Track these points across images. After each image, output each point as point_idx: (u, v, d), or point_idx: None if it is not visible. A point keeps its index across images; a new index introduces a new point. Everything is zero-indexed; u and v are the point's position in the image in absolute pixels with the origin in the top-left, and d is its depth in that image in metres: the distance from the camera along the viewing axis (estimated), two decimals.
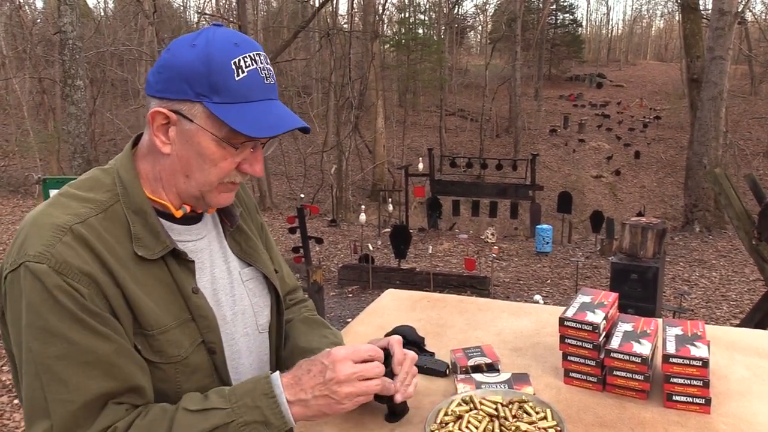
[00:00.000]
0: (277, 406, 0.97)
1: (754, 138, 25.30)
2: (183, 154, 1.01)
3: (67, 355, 0.91)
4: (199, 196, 1.05)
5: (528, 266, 9.67)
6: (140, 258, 1.00)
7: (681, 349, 1.26)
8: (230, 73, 0.97)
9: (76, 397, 0.91)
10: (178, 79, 0.97)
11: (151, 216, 1.03)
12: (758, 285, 7.79)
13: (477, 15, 46.39)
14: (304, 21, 15.54)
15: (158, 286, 1.01)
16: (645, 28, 62.46)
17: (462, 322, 1.75)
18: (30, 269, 0.91)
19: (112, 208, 1.01)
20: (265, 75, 1.01)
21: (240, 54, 0.98)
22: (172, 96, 0.99)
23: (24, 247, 0.93)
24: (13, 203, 13.55)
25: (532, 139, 27.79)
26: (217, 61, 0.96)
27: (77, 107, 8.34)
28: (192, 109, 0.98)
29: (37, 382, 0.91)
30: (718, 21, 12.10)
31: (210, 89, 0.96)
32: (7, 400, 4.21)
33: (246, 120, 0.97)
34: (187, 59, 0.97)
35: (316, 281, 6.37)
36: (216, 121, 0.98)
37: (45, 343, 0.91)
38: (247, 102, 0.98)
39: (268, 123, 0.99)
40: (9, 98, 19.77)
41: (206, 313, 1.06)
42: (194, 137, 1.00)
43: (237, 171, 1.04)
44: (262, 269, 1.22)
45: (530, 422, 1.10)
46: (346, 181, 19.02)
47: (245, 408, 0.96)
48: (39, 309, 0.91)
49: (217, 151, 1.00)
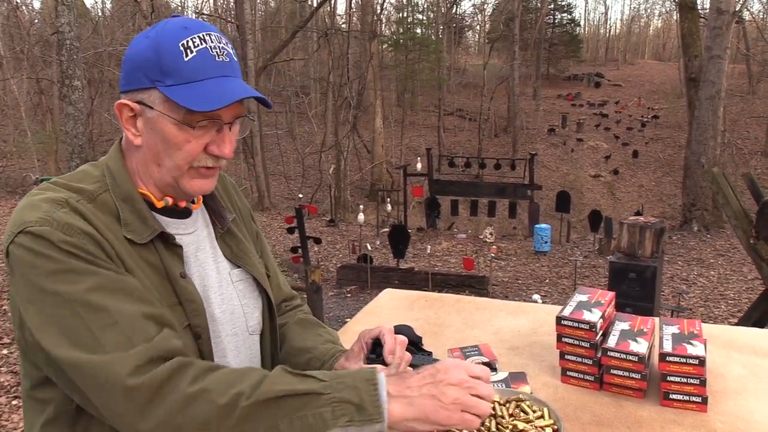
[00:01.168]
0: (375, 393, 0.91)
1: (752, 137, 25.34)
2: (151, 142, 1.03)
3: (98, 286, 0.91)
4: (173, 183, 1.06)
5: (526, 266, 9.68)
6: (129, 242, 1.01)
7: (678, 347, 1.27)
8: (179, 54, 0.98)
9: (120, 319, 0.90)
10: (136, 70, 1.00)
11: (139, 202, 1.05)
12: (756, 284, 7.80)
13: (475, 15, 46.41)
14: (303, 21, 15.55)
15: (147, 269, 1.02)
16: (643, 27, 62.54)
17: (459, 322, 1.75)
18: (33, 232, 0.91)
19: (100, 196, 1.02)
20: (216, 53, 1.02)
21: (188, 35, 1.00)
22: (133, 87, 1.02)
23: (21, 219, 0.94)
24: (11, 204, 13.53)
25: (530, 138, 27.80)
26: (165, 45, 0.99)
27: (75, 108, 8.32)
28: (150, 96, 1.00)
29: (79, 320, 0.89)
30: (716, 20, 12.11)
31: (162, 73, 0.98)
32: (5, 401, 4.21)
33: (196, 97, 0.97)
34: (140, 49, 1.00)
35: (315, 281, 6.37)
36: (172, 104, 0.99)
37: (73, 283, 0.90)
38: (198, 81, 0.99)
39: (217, 96, 0.99)
40: (6, 99, 19.73)
41: (193, 297, 1.06)
42: (157, 124, 1.01)
43: (206, 154, 1.04)
44: (252, 271, 1.22)
45: (527, 421, 1.10)
46: (344, 181, 19.01)
47: (343, 386, 0.91)
48: (55, 257, 0.91)
49: (179, 134, 1.01)
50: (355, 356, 1.16)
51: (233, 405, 0.87)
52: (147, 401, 0.86)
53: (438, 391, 0.92)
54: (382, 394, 0.91)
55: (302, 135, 25.39)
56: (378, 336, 1.15)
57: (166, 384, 0.87)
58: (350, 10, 24.19)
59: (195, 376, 0.89)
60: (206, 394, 0.87)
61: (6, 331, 5.56)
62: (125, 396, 0.86)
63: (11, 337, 5.41)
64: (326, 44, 18.54)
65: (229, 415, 0.86)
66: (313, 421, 0.88)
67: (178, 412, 0.86)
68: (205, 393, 0.87)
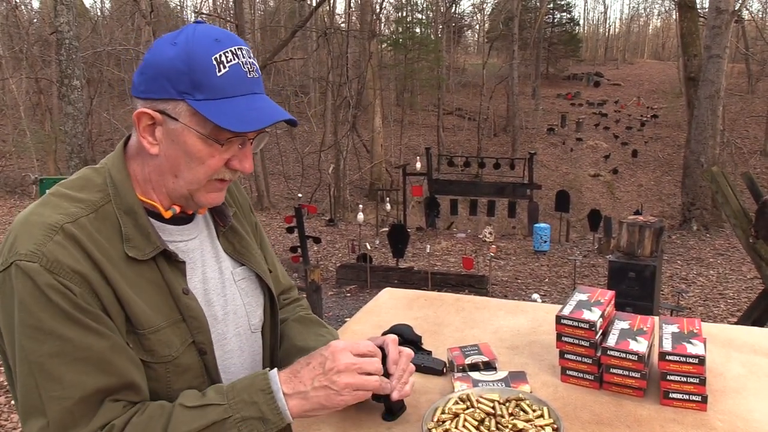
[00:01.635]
0: (273, 402, 0.97)
1: (751, 136, 25.35)
2: (170, 153, 1.01)
3: (61, 353, 0.90)
4: (187, 195, 1.04)
5: (526, 265, 9.68)
6: (131, 258, 1.00)
7: (677, 346, 1.26)
8: (211, 69, 0.96)
9: (71, 394, 0.90)
10: (161, 78, 0.97)
11: (142, 217, 1.02)
12: (755, 283, 7.80)
13: (474, 14, 46.41)
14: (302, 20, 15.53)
15: (149, 286, 1.01)
16: (642, 26, 62.53)
17: (459, 321, 1.75)
18: (21, 268, 0.90)
19: (103, 208, 1.00)
20: (247, 69, 1.00)
21: (221, 49, 0.97)
22: (155, 96, 0.98)
23: (15, 246, 0.93)
24: (10, 204, 13.52)
25: (529, 138, 27.80)
26: (197, 58, 0.96)
27: (74, 107, 8.32)
28: (176, 107, 0.98)
29: (32, 381, 0.91)
30: (715, 19, 12.12)
31: (192, 86, 0.96)
32: (4, 400, 4.20)
33: (229, 115, 0.96)
34: (168, 57, 0.97)
35: (314, 281, 6.37)
36: (200, 119, 0.97)
37: (38, 342, 0.90)
38: (230, 97, 0.97)
39: (252, 117, 0.98)
40: (6, 98, 19.72)
41: (196, 314, 1.06)
42: (180, 136, 0.99)
43: (226, 168, 1.04)
44: (255, 269, 1.21)
45: (527, 420, 1.10)
46: (343, 180, 19.01)
47: (242, 404, 0.96)
48: (31, 307, 0.90)
49: (203, 149, 1.00)
50: None
51: None
52: None
53: (328, 380, 0.99)
54: (279, 399, 0.98)
55: (301, 134, 25.38)
56: (382, 345, 1.15)
57: None
58: (349, 9, 24.18)
59: None
60: None
61: None
62: None
63: None
64: (325, 44, 18.53)
65: None
66: None
67: None
68: None
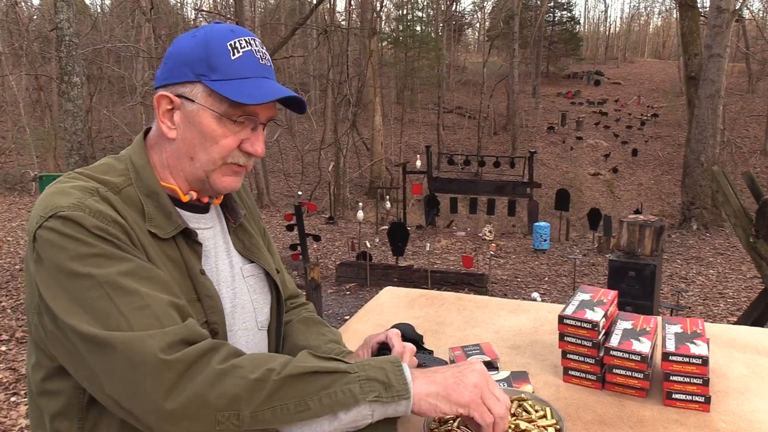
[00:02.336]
0: (401, 372, 0.94)
1: (751, 135, 25.35)
2: (187, 136, 1.06)
3: (130, 271, 0.92)
4: (204, 178, 1.08)
5: (525, 263, 9.68)
6: (153, 236, 1.03)
7: (681, 347, 1.26)
8: (227, 53, 1.03)
9: (152, 302, 0.91)
10: (180, 64, 1.05)
11: (164, 198, 1.06)
12: (755, 282, 7.80)
13: (475, 12, 46.41)
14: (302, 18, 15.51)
15: (169, 263, 1.04)
16: (643, 25, 62.52)
17: (460, 320, 1.74)
18: (66, 216, 0.92)
19: (125, 190, 1.04)
20: (260, 56, 1.07)
21: (235, 37, 1.05)
22: (174, 80, 1.05)
23: (52, 204, 0.94)
24: (10, 200, 13.51)
25: (529, 136, 27.80)
26: (214, 44, 1.04)
27: (74, 104, 8.30)
28: (193, 89, 1.04)
29: (108, 303, 0.89)
30: (716, 18, 12.10)
31: (208, 68, 1.03)
32: (4, 397, 4.20)
33: (241, 92, 1.02)
34: (188, 46, 1.05)
35: (314, 279, 6.36)
36: (216, 98, 1.03)
37: (104, 266, 0.91)
38: (243, 78, 1.04)
39: (261, 93, 1.04)
40: (5, 95, 19.69)
41: (212, 294, 1.08)
42: (196, 117, 1.04)
43: (239, 151, 1.08)
44: (264, 266, 1.23)
45: (529, 420, 1.09)
46: (343, 178, 18.99)
47: (369, 366, 0.94)
48: (87, 240, 0.91)
49: (218, 129, 1.04)
50: (359, 358, 1.16)
51: (264, 380, 0.87)
52: (178, 377, 0.85)
53: (461, 373, 0.97)
54: (407, 374, 0.94)
55: (301, 132, 25.37)
56: (385, 340, 1.15)
57: (199, 361, 0.87)
58: (350, 7, 24.14)
59: (226, 356, 0.90)
60: (237, 370, 0.88)
61: (5, 327, 5.55)
62: (156, 370, 0.84)
63: (10, 333, 5.41)
64: (326, 41, 18.50)
65: (259, 390, 0.87)
66: (342, 397, 0.89)
67: (208, 387, 0.85)
68: (236, 369, 0.88)
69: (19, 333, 5.40)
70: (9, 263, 7.96)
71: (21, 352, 4.95)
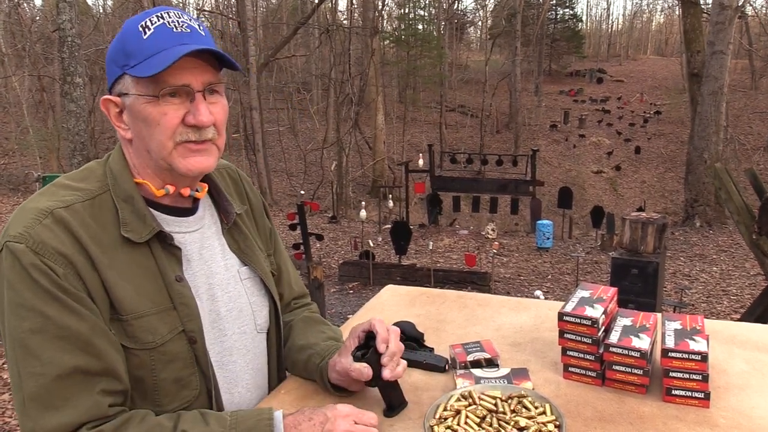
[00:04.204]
0: None
1: (754, 132, 25.26)
2: (137, 129, 1.05)
3: (41, 330, 0.92)
4: (166, 167, 1.06)
5: (528, 262, 9.67)
6: (125, 243, 1.01)
7: (680, 343, 1.26)
8: (138, 35, 1.01)
9: (48, 371, 0.91)
10: (109, 63, 1.05)
11: (139, 202, 1.05)
12: (759, 279, 7.79)
13: (477, 10, 46.34)
14: (304, 17, 15.52)
15: (140, 272, 1.02)
16: (645, 22, 62.34)
17: (461, 318, 1.75)
18: (9, 249, 0.94)
19: (100, 197, 1.03)
20: (174, 26, 1.03)
21: (146, 17, 1.03)
22: (110, 81, 1.06)
23: (8, 229, 0.96)
24: (13, 201, 13.55)
25: (532, 134, 27.76)
26: (126, 31, 1.03)
27: (76, 105, 8.33)
28: (124, 83, 1.03)
29: (14, 357, 0.92)
30: (719, 15, 12.07)
31: (126, 57, 1.02)
32: (8, 398, 4.22)
33: (152, 65, 0.99)
34: (112, 44, 1.06)
35: (317, 278, 6.37)
36: (139, 81, 1.01)
37: (20, 318, 0.92)
38: (157, 53, 1.00)
39: (166, 58, 0.99)
40: (8, 96, 19.75)
41: (188, 302, 1.06)
42: (134, 108, 1.03)
43: (185, 127, 1.04)
44: (257, 269, 1.21)
45: (529, 417, 1.10)
46: (346, 177, 18.99)
47: None
48: (16, 285, 0.92)
49: (153, 110, 1.02)
50: (346, 351, 1.16)
51: None
52: None
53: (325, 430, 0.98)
54: None
55: (304, 132, 25.37)
56: (370, 329, 1.15)
57: None
58: (351, 6, 24.15)
59: None
60: None
61: None
62: None
63: None
64: (328, 40, 18.51)
65: None
66: None
67: None
68: None
69: None
70: None
71: None
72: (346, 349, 1.16)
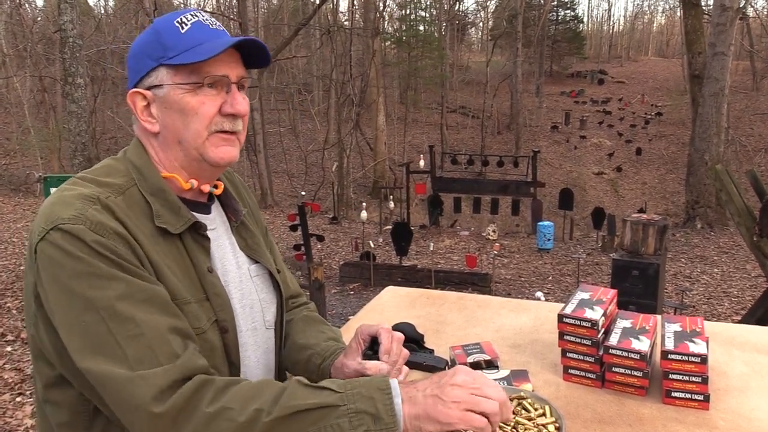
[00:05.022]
0: (390, 402, 0.93)
1: (755, 134, 25.24)
2: (168, 122, 1.06)
3: (127, 294, 0.92)
4: (198, 157, 1.07)
5: (529, 263, 9.67)
6: (160, 235, 1.02)
7: (680, 345, 1.26)
8: (176, 29, 1.05)
9: (147, 331, 0.91)
10: (139, 58, 1.06)
11: (171, 194, 1.06)
12: (760, 281, 7.78)
13: (478, 12, 46.34)
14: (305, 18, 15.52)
15: (176, 264, 1.03)
16: (646, 24, 62.35)
17: (461, 319, 1.75)
18: (67, 230, 0.92)
19: (129, 191, 1.03)
20: (209, 23, 1.08)
21: (181, 14, 1.07)
22: (141, 74, 1.06)
23: (54, 214, 0.94)
24: (15, 201, 13.57)
25: (533, 135, 27.76)
26: (162, 26, 1.06)
27: (78, 105, 8.34)
28: (158, 74, 1.05)
29: (104, 327, 0.90)
30: (720, 17, 12.07)
31: (163, 49, 1.04)
32: (9, 398, 4.22)
33: (198, 53, 1.02)
34: (141, 41, 1.08)
35: (318, 279, 6.37)
36: (179, 72, 1.04)
37: (101, 288, 0.91)
38: (197, 45, 1.04)
39: (215, 46, 1.03)
40: (10, 96, 19.77)
41: (220, 292, 1.08)
42: (170, 98, 1.04)
43: (221, 116, 1.06)
44: (267, 265, 1.23)
45: (529, 418, 1.10)
46: (347, 178, 18.99)
47: (359, 396, 0.93)
48: (87, 259, 0.91)
49: (192, 99, 1.04)
50: (353, 352, 1.16)
51: (254, 421, 0.88)
52: (170, 426, 0.88)
53: (440, 389, 0.94)
54: (396, 402, 0.92)
55: (305, 132, 25.38)
56: (375, 334, 1.15)
57: (188, 407, 0.88)
58: (353, 7, 24.17)
59: (214, 396, 0.90)
60: (227, 413, 0.88)
61: (10, 328, 5.58)
62: (149, 421, 0.87)
63: (15, 334, 5.43)
64: (329, 41, 18.53)
65: None
66: None
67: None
68: (225, 411, 0.88)
69: (24, 334, 5.42)
70: (14, 264, 7.99)
71: (26, 353, 4.98)
72: (353, 350, 1.17)
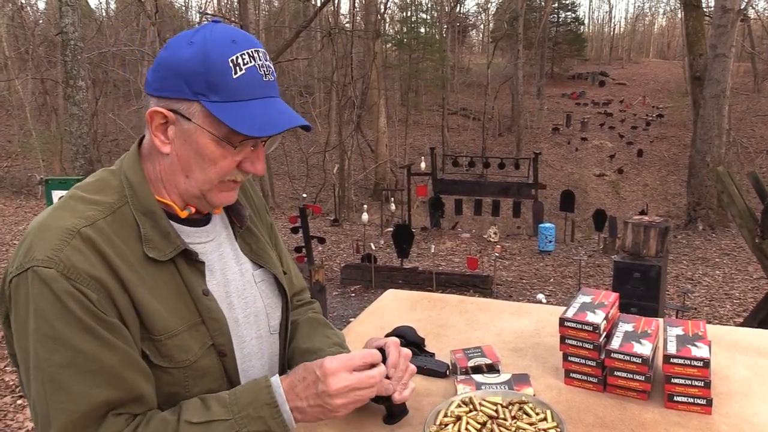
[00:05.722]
0: (279, 416, 0.97)
1: (757, 135, 25.23)
2: (182, 153, 1.00)
3: (72, 363, 0.90)
4: (199, 195, 1.03)
5: (531, 265, 9.66)
6: (150, 260, 0.99)
7: (682, 349, 1.26)
8: (228, 71, 0.95)
9: (77, 407, 0.90)
10: (176, 78, 0.96)
11: (161, 217, 1.02)
12: (762, 283, 7.76)
13: (479, 13, 46.33)
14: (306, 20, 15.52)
15: (167, 289, 1.00)
16: (647, 25, 62.32)
17: (462, 323, 1.74)
18: (38, 274, 0.89)
19: (120, 210, 0.99)
20: (263, 72, 0.99)
21: (237, 51, 0.96)
22: (170, 95, 0.97)
23: (31, 251, 0.92)
24: (16, 204, 13.58)
25: (534, 137, 27.75)
26: (214, 59, 0.94)
27: (79, 108, 8.35)
28: (190, 108, 0.97)
29: (42, 390, 0.90)
30: (721, 18, 12.06)
31: (207, 88, 0.95)
32: (10, 400, 4.22)
33: (245, 119, 0.95)
34: (184, 58, 0.95)
35: (319, 281, 6.36)
36: (214, 120, 0.96)
37: (50, 351, 0.89)
38: (245, 100, 0.96)
39: (267, 121, 0.97)
40: (11, 99, 19.81)
41: (217, 316, 1.05)
42: (193, 136, 0.98)
43: (238, 170, 1.03)
44: (273, 270, 1.21)
45: (530, 423, 1.09)
46: (348, 180, 19.00)
47: (248, 419, 0.95)
48: (46, 315, 0.89)
49: (216, 150, 0.99)
50: None
51: None
52: None
53: (323, 401, 0.99)
54: (285, 411, 0.98)
55: (306, 135, 25.33)
56: (383, 347, 1.15)
57: None
58: (354, 9, 24.20)
59: None
60: None
61: None
62: None
63: None
64: (330, 44, 18.54)
65: None
66: None
67: None
68: None
69: None
70: None
71: None
72: None
